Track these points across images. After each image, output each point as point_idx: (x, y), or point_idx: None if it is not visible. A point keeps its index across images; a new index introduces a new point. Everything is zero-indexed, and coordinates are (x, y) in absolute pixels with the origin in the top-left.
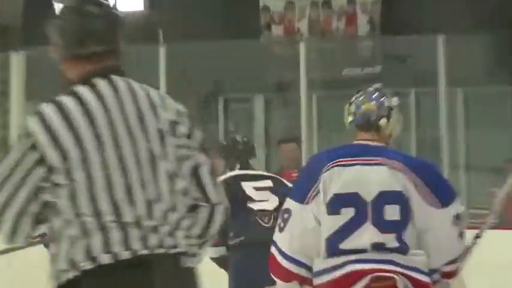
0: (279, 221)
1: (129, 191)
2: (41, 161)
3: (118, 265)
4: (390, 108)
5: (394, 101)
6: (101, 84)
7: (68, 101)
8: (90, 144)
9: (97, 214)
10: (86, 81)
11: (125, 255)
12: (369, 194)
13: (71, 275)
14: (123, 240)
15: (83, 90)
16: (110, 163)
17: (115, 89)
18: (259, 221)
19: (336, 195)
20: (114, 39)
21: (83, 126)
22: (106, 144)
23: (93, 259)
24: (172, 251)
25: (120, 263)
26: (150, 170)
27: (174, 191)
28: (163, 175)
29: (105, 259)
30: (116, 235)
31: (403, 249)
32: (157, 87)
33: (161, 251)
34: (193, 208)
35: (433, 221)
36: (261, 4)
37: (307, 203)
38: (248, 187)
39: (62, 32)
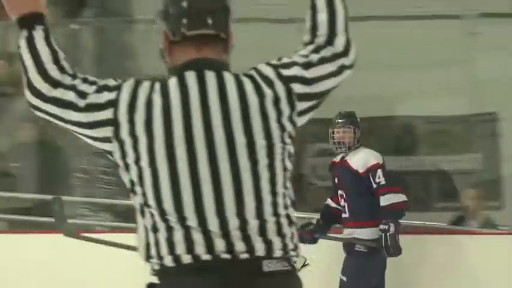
0: None
1: (197, 192)
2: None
3: (181, 269)
4: None
5: None
6: (190, 79)
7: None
8: (160, 137)
9: (161, 211)
10: (176, 72)
11: (186, 259)
12: None
13: (155, 266)
14: (185, 243)
15: (171, 83)
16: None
17: (202, 88)
18: None
19: None
20: (218, 20)
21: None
22: (176, 139)
23: (160, 258)
24: (244, 256)
25: (184, 267)
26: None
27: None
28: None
29: (168, 261)
30: (177, 236)
31: None
32: None
33: (228, 256)
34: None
35: None
36: None
37: None
38: None
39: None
